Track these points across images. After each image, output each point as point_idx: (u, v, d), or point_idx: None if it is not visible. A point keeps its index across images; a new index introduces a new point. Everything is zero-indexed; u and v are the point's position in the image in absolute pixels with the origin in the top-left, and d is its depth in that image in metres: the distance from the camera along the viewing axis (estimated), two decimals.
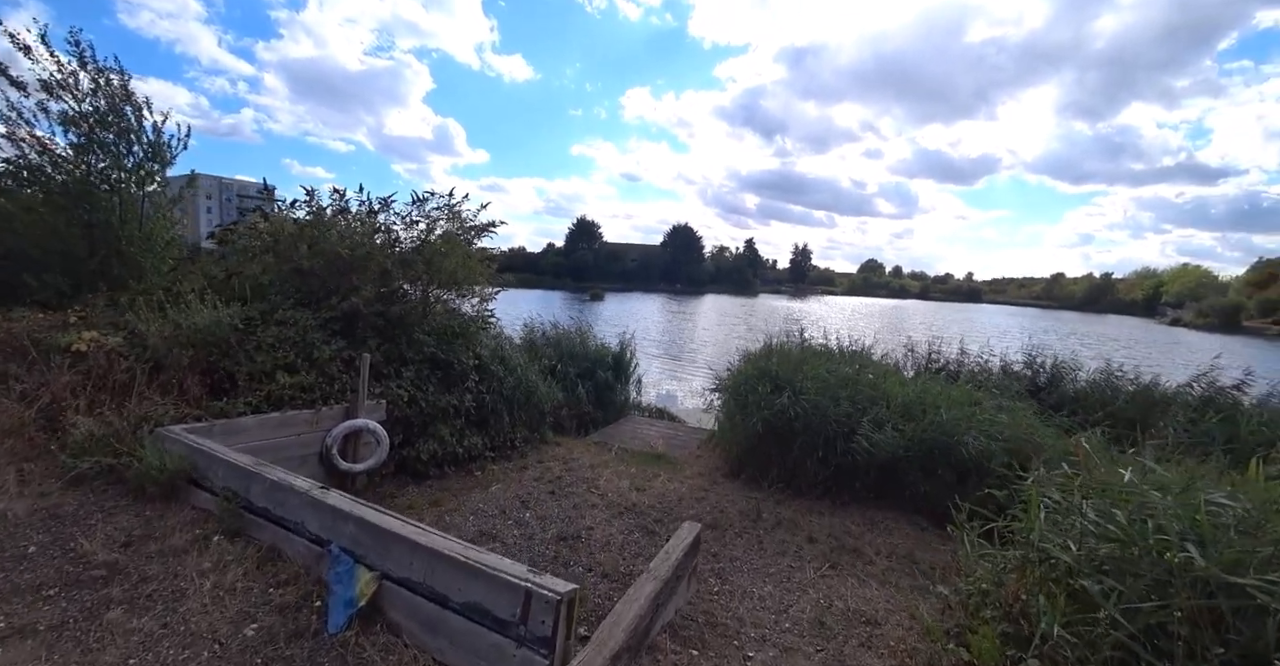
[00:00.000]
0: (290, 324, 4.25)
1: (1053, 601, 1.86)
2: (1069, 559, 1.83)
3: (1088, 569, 1.79)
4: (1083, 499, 2.10)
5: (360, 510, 2.29)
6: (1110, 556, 1.76)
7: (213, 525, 2.52)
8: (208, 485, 2.70)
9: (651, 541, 3.95)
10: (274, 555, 2.37)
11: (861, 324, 28.33)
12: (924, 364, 7.85)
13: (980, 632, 2.19)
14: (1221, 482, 2.27)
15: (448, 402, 4.95)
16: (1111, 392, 7.33)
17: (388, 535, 2.15)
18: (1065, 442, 4.80)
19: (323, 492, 2.42)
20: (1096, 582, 1.71)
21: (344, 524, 2.26)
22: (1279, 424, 6.31)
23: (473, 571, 1.91)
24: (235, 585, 2.13)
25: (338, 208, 5.30)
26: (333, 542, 2.22)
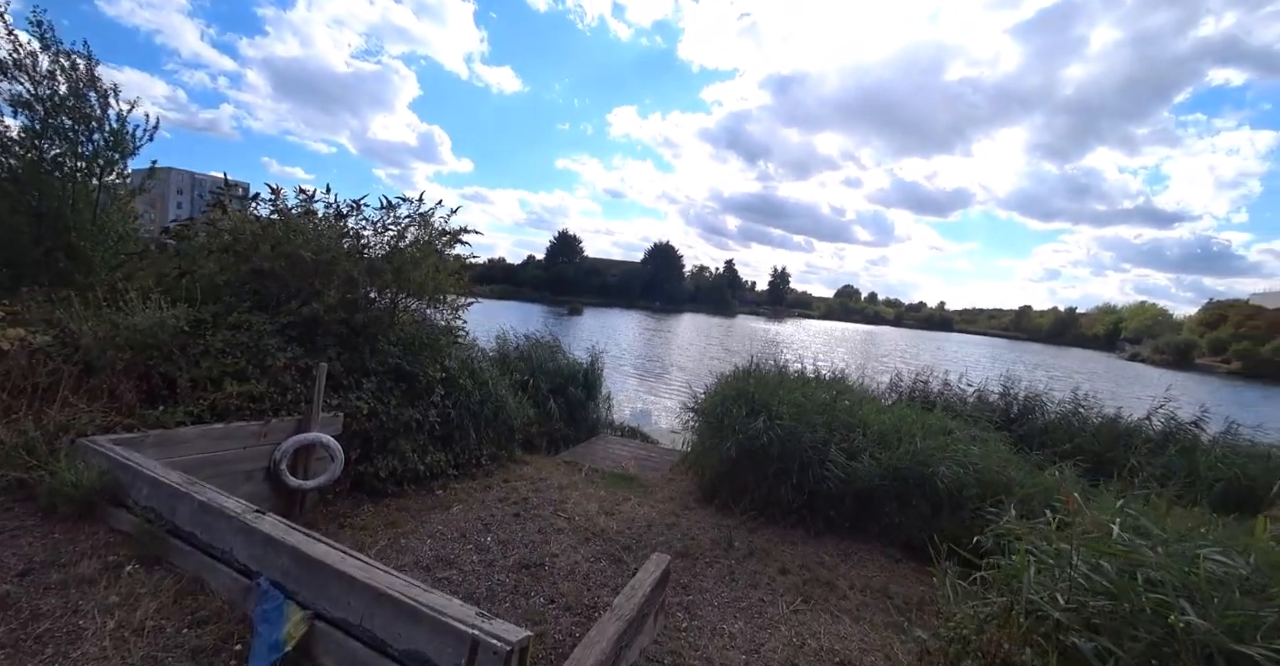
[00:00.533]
0: (244, 328, 3.99)
1: (1044, 658, 1.74)
2: (1059, 614, 1.72)
3: (1078, 624, 1.68)
4: (1071, 548, 2.00)
5: (295, 538, 2.07)
6: (1102, 611, 1.66)
7: (129, 550, 2.26)
8: (129, 504, 2.43)
9: (618, 570, 3.76)
10: (196, 587, 2.12)
11: (839, 349, 28.66)
12: (906, 393, 7.86)
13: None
14: (1211, 532, 2.20)
15: (411, 417, 4.70)
16: (1079, 425, 7.45)
17: (324, 569, 1.93)
18: (1038, 477, 4.79)
19: (256, 517, 2.19)
20: (1089, 641, 1.61)
21: (276, 554, 2.04)
22: (1234, 460, 6.50)
23: (415, 614, 1.72)
24: (144, 624, 1.87)
25: (304, 208, 5.07)
26: (262, 575, 1.99)
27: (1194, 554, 1.70)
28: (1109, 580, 1.70)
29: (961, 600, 2.43)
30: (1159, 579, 1.72)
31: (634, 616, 2.40)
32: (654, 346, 27.92)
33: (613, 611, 2.39)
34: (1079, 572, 1.81)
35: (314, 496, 4.07)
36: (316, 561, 1.97)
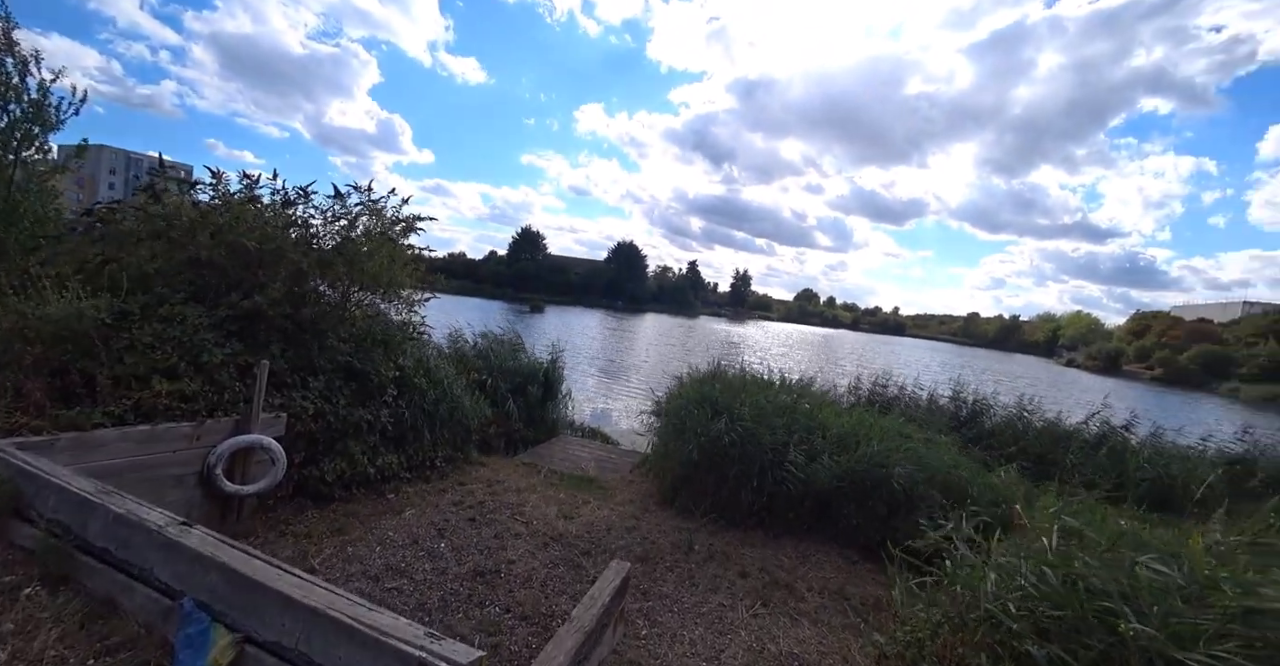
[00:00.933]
0: (177, 321, 3.69)
1: (997, 662, 1.76)
2: (1014, 624, 1.74)
3: (1030, 632, 1.71)
4: (1020, 559, 2.05)
5: (226, 554, 1.90)
6: (1051, 619, 1.69)
7: (31, 570, 2.03)
8: (33, 517, 2.19)
9: (577, 576, 3.67)
10: (107, 610, 1.92)
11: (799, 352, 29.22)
12: (865, 396, 8.06)
13: None
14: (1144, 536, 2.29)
15: (361, 417, 4.48)
16: (1023, 428, 7.81)
17: (258, 587, 1.78)
18: (986, 477, 4.97)
19: (181, 530, 2.00)
20: (1040, 648, 1.63)
21: (204, 571, 1.87)
22: (1158, 461, 6.95)
23: (358, 635, 1.59)
24: (44, 654, 1.67)
25: (249, 194, 4.76)
26: (186, 595, 1.82)
27: (1132, 561, 1.75)
28: (1054, 589, 1.74)
29: (912, 603, 2.45)
30: (1100, 588, 1.77)
31: (593, 628, 2.32)
32: (616, 346, 27.82)
33: (571, 623, 2.31)
34: (1028, 581, 1.85)
35: (253, 502, 3.82)
36: (249, 579, 1.81)
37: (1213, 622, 1.47)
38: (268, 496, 3.93)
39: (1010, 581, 1.93)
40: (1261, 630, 1.42)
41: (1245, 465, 7.21)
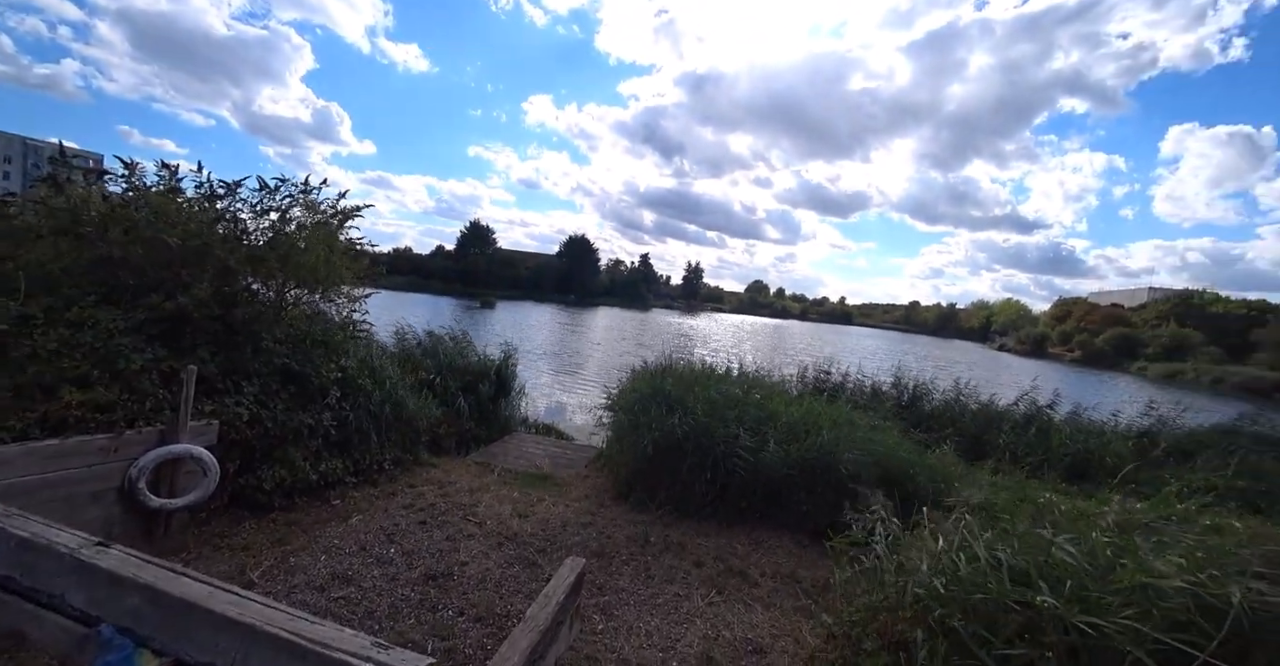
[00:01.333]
0: (88, 326, 3.41)
1: (932, 637, 1.87)
2: (940, 607, 1.87)
3: (957, 610, 1.83)
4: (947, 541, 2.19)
5: (151, 573, 1.78)
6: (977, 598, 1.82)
7: None
8: None
9: (533, 574, 3.65)
10: (13, 643, 1.76)
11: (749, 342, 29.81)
12: (810, 385, 8.33)
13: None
14: (1061, 510, 2.48)
15: (301, 422, 4.28)
16: (959, 410, 8.29)
17: (187, 607, 1.67)
18: (925, 458, 5.25)
19: (98, 551, 1.86)
20: (964, 623, 1.75)
21: (125, 594, 1.74)
22: (1077, 437, 7.54)
23: (299, 651, 1.53)
24: None
25: (169, 186, 4.44)
26: (103, 621, 1.69)
27: (1048, 542, 1.91)
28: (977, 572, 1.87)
29: (855, 584, 2.57)
30: (1020, 567, 1.91)
31: (548, 625, 2.31)
32: (569, 341, 27.64)
33: (526, 622, 2.29)
34: (953, 567, 1.98)
35: (183, 517, 3.59)
36: (177, 598, 1.70)
37: (1116, 595, 1.62)
38: (199, 509, 3.71)
39: (938, 565, 2.06)
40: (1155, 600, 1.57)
41: (1150, 437, 7.89)
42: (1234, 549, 1.73)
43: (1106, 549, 1.81)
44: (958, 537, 2.19)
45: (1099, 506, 2.44)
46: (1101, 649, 1.53)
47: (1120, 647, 1.49)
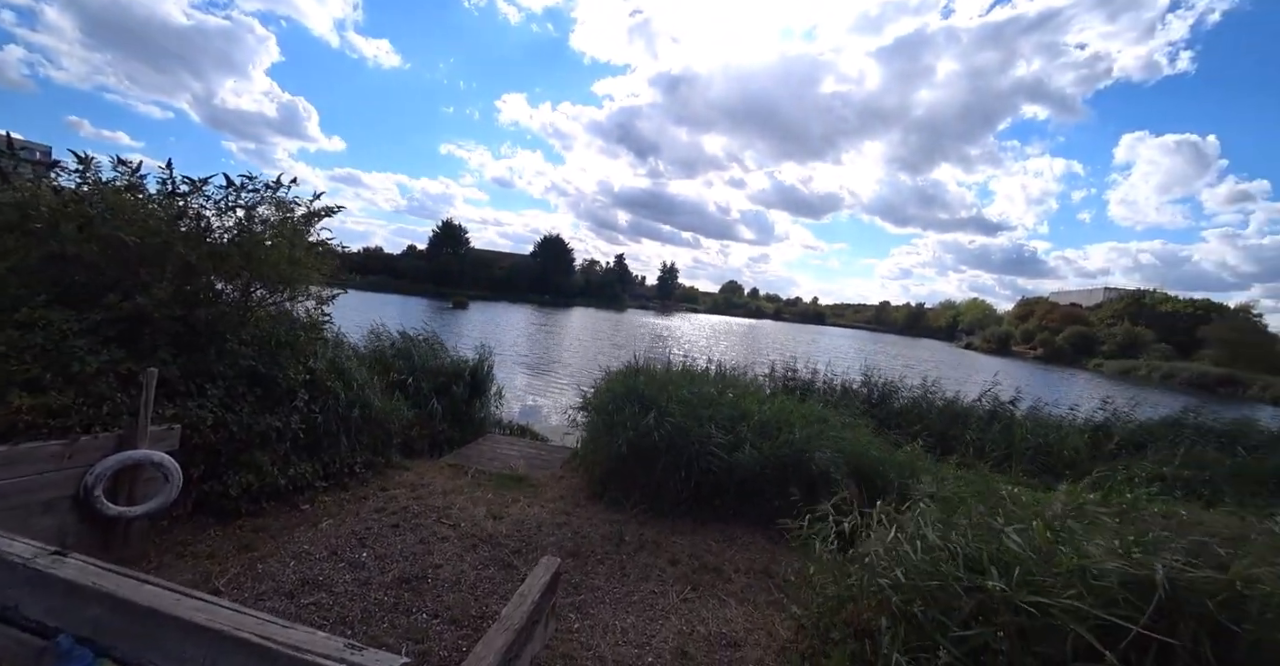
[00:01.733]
0: (38, 327, 3.28)
1: (894, 623, 1.95)
2: (898, 597, 1.96)
3: (916, 596, 1.92)
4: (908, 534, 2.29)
5: (111, 582, 1.73)
6: (936, 587, 1.91)
7: None
8: None
9: (508, 576, 3.64)
10: None
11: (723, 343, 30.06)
12: (781, 384, 8.47)
13: (833, 656, 2.25)
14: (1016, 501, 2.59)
15: (269, 425, 4.18)
16: (927, 407, 8.53)
17: (151, 614, 1.64)
18: (894, 455, 5.39)
19: (54, 561, 1.80)
20: (923, 609, 1.84)
21: (84, 603, 1.69)
22: (1039, 431, 7.84)
23: (271, 656, 1.51)
24: None
25: (126, 182, 4.29)
26: (62, 632, 1.65)
27: (999, 532, 2.01)
28: (931, 562, 1.97)
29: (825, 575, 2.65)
30: (974, 556, 2.01)
31: (523, 625, 2.32)
32: (544, 341, 27.45)
33: (500, 622, 2.30)
34: (916, 558, 2.07)
35: (143, 525, 3.48)
36: (140, 606, 1.66)
37: (1058, 578, 1.72)
38: (161, 517, 3.60)
39: (896, 554, 2.16)
40: (1092, 581, 1.67)
41: (1104, 430, 8.26)
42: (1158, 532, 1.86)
43: (1047, 534, 1.91)
44: (913, 527, 2.28)
45: (1051, 497, 2.56)
46: (1047, 628, 1.63)
47: (1064, 626, 1.58)
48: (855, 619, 2.36)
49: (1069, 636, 1.58)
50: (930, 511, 2.56)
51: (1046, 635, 1.63)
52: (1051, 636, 1.62)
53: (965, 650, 1.71)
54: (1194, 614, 1.53)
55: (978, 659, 1.72)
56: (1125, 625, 1.51)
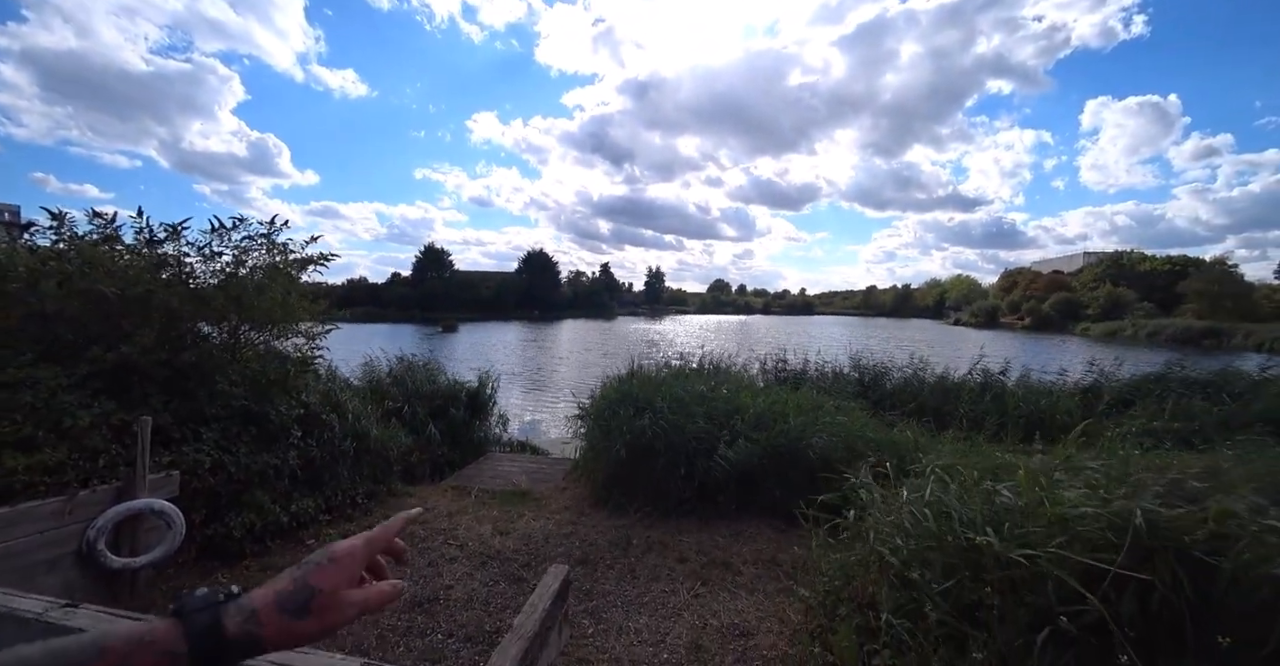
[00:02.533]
0: (26, 385, 3.29)
1: (892, 592, 2.01)
2: (896, 560, 2.02)
3: (915, 561, 1.98)
4: (902, 504, 2.36)
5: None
6: (929, 548, 1.98)
7: None
8: None
9: (519, 590, 3.67)
10: None
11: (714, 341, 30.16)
12: (773, 375, 8.56)
13: (839, 631, 2.30)
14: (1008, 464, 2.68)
15: (267, 463, 4.20)
16: (919, 385, 8.64)
17: None
18: (890, 435, 5.47)
19: (66, 612, 1.82)
20: (920, 572, 1.90)
21: None
22: (1030, 398, 7.96)
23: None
24: None
25: (103, 235, 4.31)
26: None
27: (991, 491, 2.08)
28: (927, 526, 2.04)
29: (828, 556, 2.71)
30: (968, 517, 2.08)
31: (536, 632, 2.35)
32: (536, 356, 27.44)
33: (513, 632, 2.33)
34: (909, 523, 2.14)
35: (149, 574, 3.49)
36: None
37: (1042, 529, 1.79)
38: (167, 564, 3.60)
39: (896, 523, 2.22)
40: (1075, 526, 1.75)
41: (1094, 392, 8.40)
42: (1138, 474, 1.94)
43: (1035, 487, 1.99)
44: (909, 496, 2.35)
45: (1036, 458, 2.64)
46: (1035, 577, 1.70)
47: (1049, 573, 1.65)
48: (861, 592, 2.42)
49: (1050, 583, 1.65)
50: (924, 482, 2.63)
51: (1034, 585, 1.70)
52: (1040, 586, 1.69)
53: (960, 607, 1.78)
54: (1172, 551, 1.60)
55: (973, 614, 1.79)
56: (1104, 567, 1.58)
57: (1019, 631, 1.66)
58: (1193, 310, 53.70)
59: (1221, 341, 42.13)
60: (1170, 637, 1.55)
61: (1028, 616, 1.68)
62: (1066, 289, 72.44)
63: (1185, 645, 1.51)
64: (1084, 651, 1.57)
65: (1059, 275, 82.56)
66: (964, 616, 1.79)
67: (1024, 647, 1.63)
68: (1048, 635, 1.59)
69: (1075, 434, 3.06)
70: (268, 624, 0.50)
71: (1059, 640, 1.58)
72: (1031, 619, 1.68)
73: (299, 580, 0.54)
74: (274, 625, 0.50)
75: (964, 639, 1.83)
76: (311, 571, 0.55)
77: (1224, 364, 9.52)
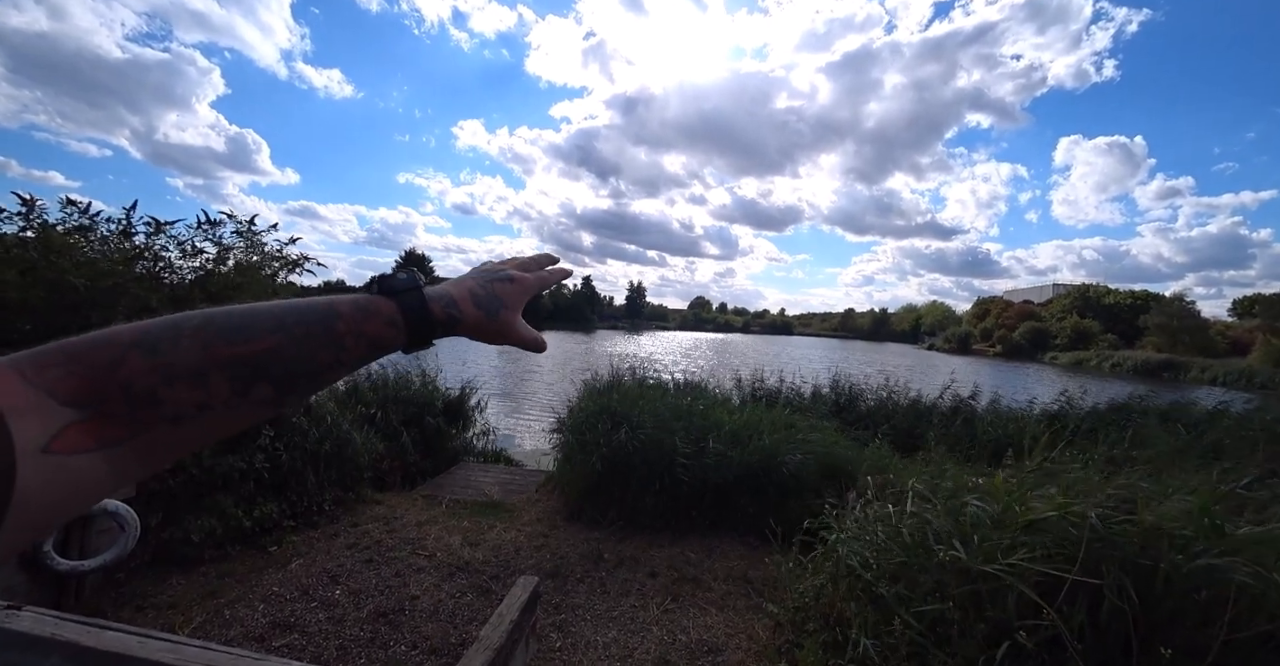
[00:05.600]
0: None
1: (861, 608, 2.04)
2: (869, 575, 2.05)
3: (884, 578, 2.01)
4: (873, 521, 2.40)
5: (71, 630, 1.69)
6: (899, 563, 2.01)
7: None
8: None
9: (487, 601, 3.61)
10: None
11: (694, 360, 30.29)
12: (749, 394, 8.64)
13: (806, 646, 2.32)
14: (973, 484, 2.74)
15: (231, 466, 4.08)
16: (892, 407, 8.80)
17: (115, 660, 1.60)
18: (862, 454, 5.55)
19: (8, 615, 1.74)
20: (889, 588, 1.94)
21: (43, 655, 1.64)
22: (998, 423, 8.16)
23: None
24: None
25: (77, 224, 4.21)
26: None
27: (962, 503, 2.13)
28: (901, 541, 2.07)
29: (800, 574, 2.73)
30: (943, 529, 2.12)
31: (502, 644, 2.32)
32: (514, 368, 27.20)
33: (479, 643, 2.29)
34: (880, 538, 2.18)
35: (97, 579, 3.35)
36: (103, 653, 1.63)
37: (1007, 541, 1.84)
38: (117, 569, 3.46)
39: (868, 538, 2.26)
40: (1038, 538, 1.81)
41: (1060, 419, 8.65)
42: (1095, 485, 2.02)
43: (1002, 498, 2.05)
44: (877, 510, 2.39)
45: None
46: (997, 591, 1.74)
47: (1012, 586, 1.70)
48: (830, 609, 2.44)
49: (1012, 595, 1.69)
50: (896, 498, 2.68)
51: (995, 598, 1.75)
52: (1001, 599, 1.74)
53: (926, 623, 1.81)
54: (1118, 558, 1.67)
55: (935, 629, 1.82)
56: (1062, 575, 1.63)
57: (979, 647, 1.70)
58: (1153, 343, 55.80)
59: (1179, 374, 43.78)
60: (1120, 650, 1.60)
61: (988, 630, 1.72)
62: (1036, 319, 74.67)
63: (1131, 657, 1.56)
64: (1038, 664, 1.62)
65: (1029, 305, 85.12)
66: (930, 631, 1.83)
67: (985, 662, 1.66)
68: (1006, 650, 1.63)
69: (1040, 450, 3.15)
70: (465, 312, 0.56)
71: (1017, 653, 1.63)
72: (991, 632, 1.72)
73: (486, 287, 0.59)
74: (470, 315, 0.56)
75: (929, 654, 1.86)
76: (499, 283, 0.60)
77: (1180, 395, 9.91)
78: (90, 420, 0.35)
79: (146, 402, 0.37)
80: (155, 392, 0.37)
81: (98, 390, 0.36)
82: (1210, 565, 1.58)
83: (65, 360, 0.36)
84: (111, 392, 0.36)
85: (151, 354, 0.37)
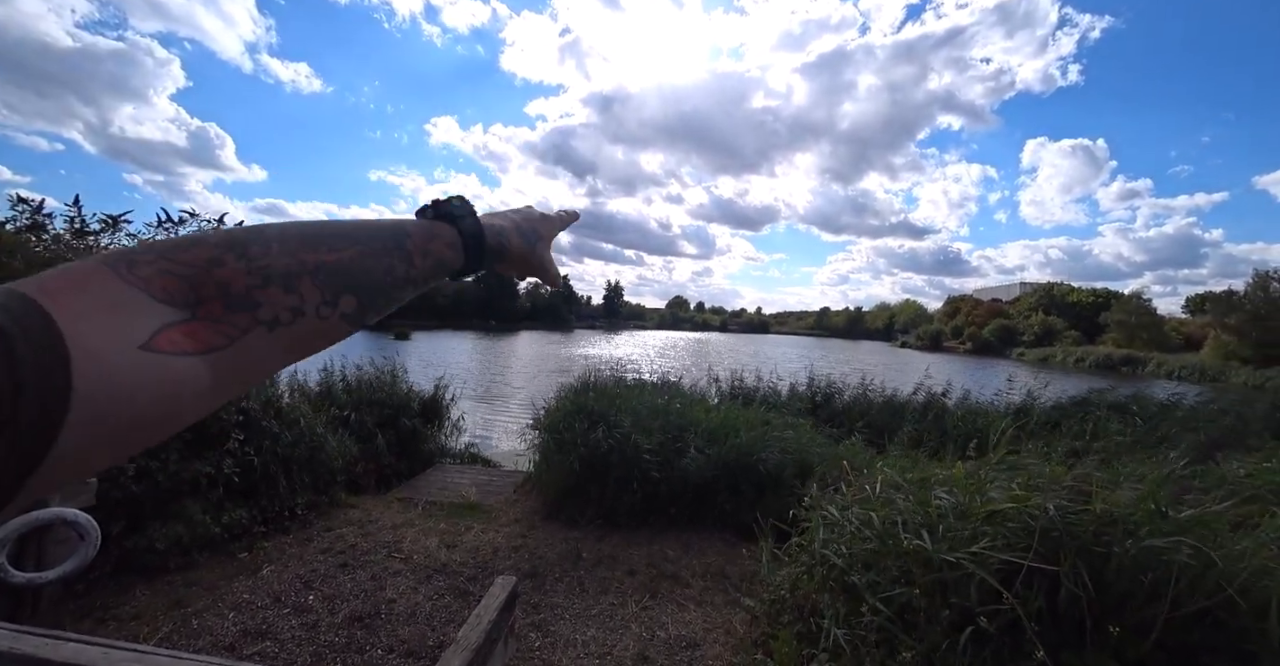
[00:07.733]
0: None
1: (833, 597, 2.09)
2: (841, 562, 2.11)
3: (856, 565, 2.07)
4: (846, 509, 2.46)
5: (29, 643, 1.64)
6: (869, 551, 2.07)
7: None
8: None
9: (465, 603, 3.59)
10: None
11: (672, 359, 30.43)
12: (726, 392, 8.73)
13: (780, 637, 2.37)
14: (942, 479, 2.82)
15: (200, 471, 3.97)
16: (866, 405, 8.98)
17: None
18: (836, 450, 5.66)
19: None
20: (860, 577, 1.99)
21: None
22: (970, 420, 8.39)
23: None
24: None
25: (29, 221, 4.06)
26: None
27: (928, 494, 2.21)
28: (873, 529, 2.14)
29: (776, 567, 2.78)
30: (912, 520, 2.19)
31: (480, 644, 2.31)
32: (491, 368, 26.96)
33: (457, 644, 2.28)
34: (853, 527, 2.23)
35: (55, 591, 3.23)
36: (64, 665, 1.59)
37: (970, 530, 1.92)
38: (77, 580, 3.35)
39: (841, 528, 2.32)
40: (999, 527, 1.89)
41: (1025, 413, 8.94)
42: (1054, 476, 2.11)
43: (965, 489, 2.12)
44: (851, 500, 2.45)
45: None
46: (961, 579, 1.81)
47: (974, 574, 1.77)
48: (805, 600, 2.49)
49: (974, 582, 1.77)
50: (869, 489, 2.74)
51: (959, 586, 1.82)
52: (964, 586, 1.81)
53: (894, 609, 1.88)
54: (1074, 546, 1.76)
55: (903, 616, 1.89)
56: (1021, 562, 1.71)
57: (944, 632, 1.76)
58: (1113, 339, 57.97)
59: (1137, 368, 45.57)
60: (1075, 632, 1.68)
61: (953, 616, 1.79)
62: (1005, 316, 76.90)
63: (1085, 637, 1.65)
64: (999, 648, 1.69)
65: (998, 303, 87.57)
66: (898, 618, 1.89)
67: (949, 647, 1.73)
68: (969, 634, 1.70)
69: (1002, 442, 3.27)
70: (513, 243, 0.60)
71: (979, 637, 1.69)
72: (955, 618, 1.79)
73: (529, 221, 0.65)
74: (516, 245, 0.61)
75: (897, 640, 1.92)
76: (536, 220, 0.66)
77: (1138, 389, 10.32)
78: (190, 322, 0.34)
79: (244, 304, 0.36)
80: (251, 294, 0.36)
81: (196, 289, 0.35)
82: (1154, 547, 1.68)
83: (159, 258, 0.34)
84: (209, 293, 0.35)
85: (244, 256, 0.37)
